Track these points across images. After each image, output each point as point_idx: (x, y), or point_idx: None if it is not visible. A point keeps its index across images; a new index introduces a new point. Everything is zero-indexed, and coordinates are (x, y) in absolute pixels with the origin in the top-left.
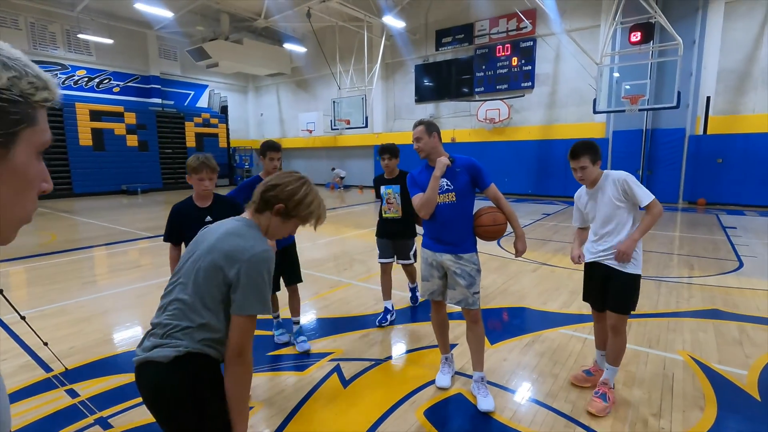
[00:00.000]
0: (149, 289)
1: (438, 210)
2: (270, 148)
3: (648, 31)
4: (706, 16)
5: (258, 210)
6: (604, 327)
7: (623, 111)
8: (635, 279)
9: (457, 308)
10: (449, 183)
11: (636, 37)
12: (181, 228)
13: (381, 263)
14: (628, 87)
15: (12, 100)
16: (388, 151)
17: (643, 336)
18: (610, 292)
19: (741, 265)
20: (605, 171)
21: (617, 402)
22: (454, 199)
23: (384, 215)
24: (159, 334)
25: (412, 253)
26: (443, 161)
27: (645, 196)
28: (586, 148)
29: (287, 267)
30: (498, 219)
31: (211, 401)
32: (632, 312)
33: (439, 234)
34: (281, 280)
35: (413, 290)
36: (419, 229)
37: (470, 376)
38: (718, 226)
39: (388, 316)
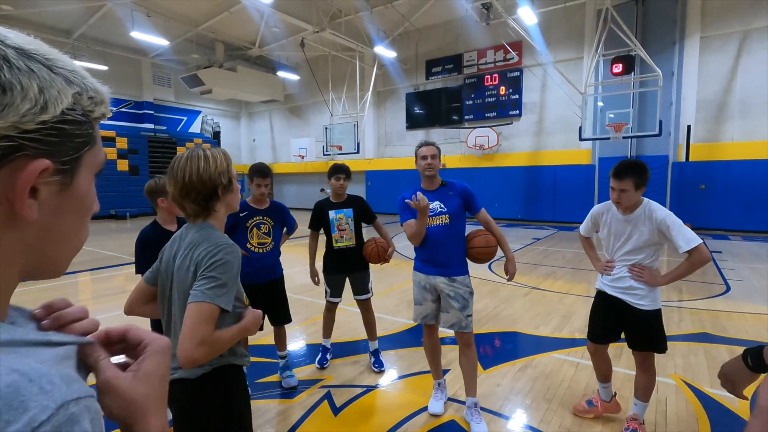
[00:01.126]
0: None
1: (431, 232)
2: (256, 173)
3: (629, 62)
4: (683, 49)
5: (207, 217)
6: (603, 358)
7: (608, 138)
8: (658, 314)
9: (449, 333)
10: (443, 206)
11: (617, 68)
12: (154, 257)
13: (329, 302)
14: (612, 115)
15: (77, 121)
16: (344, 171)
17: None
18: (636, 332)
19: (728, 288)
20: (647, 200)
21: (611, 425)
22: (447, 221)
23: (335, 245)
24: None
25: (370, 285)
26: (426, 204)
27: (685, 243)
28: (632, 171)
29: (274, 306)
30: (490, 241)
31: (239, 413)
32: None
33: (431, 256)
34: (266, 318)
35: (377, 354)
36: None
37: (463, 402)
38: None
39: (328, 356)
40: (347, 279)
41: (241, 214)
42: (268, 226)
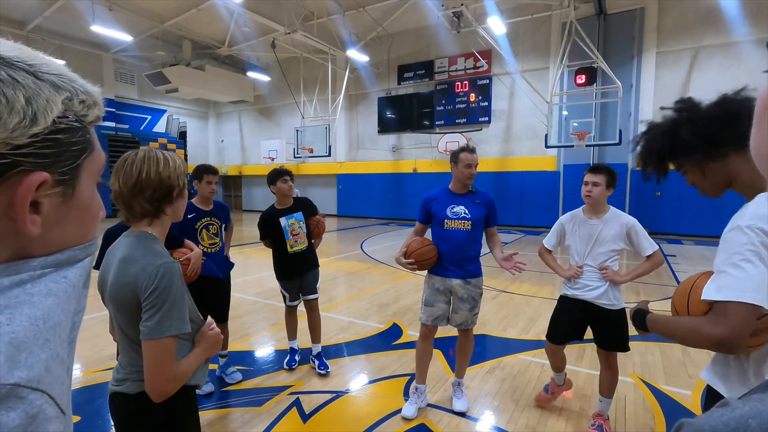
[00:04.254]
0: (88, 324)
1: (451, 235)
2: (207, 170)
3: (591, 74)
4: (641, 63)
5: (151, 222)
6: (561, 357)
7: (572, 146)
8: (623, 314)
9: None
10: (467, 212)
11: (581, 79)
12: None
13: (289, 306)
14: (576, 124)
15: (72, 129)
16: (289, 173)
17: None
18: (601, 331)
19: None
20: (613, 208)
21: (574, 423)
22: (469, 227)
23: (291, 250)
24: (124, 369)
25: (318, 285)
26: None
27: (649, 246)
28: (606, 169)
29: (214, 305)
30: (425, 244)
31: (182, 426)
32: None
33: (449, 258)
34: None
35: (320, 357)
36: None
37: (433, 406)
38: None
39: (296, 357)
40: (300, 282)
41: (189, 216)
42: (216, 227)
